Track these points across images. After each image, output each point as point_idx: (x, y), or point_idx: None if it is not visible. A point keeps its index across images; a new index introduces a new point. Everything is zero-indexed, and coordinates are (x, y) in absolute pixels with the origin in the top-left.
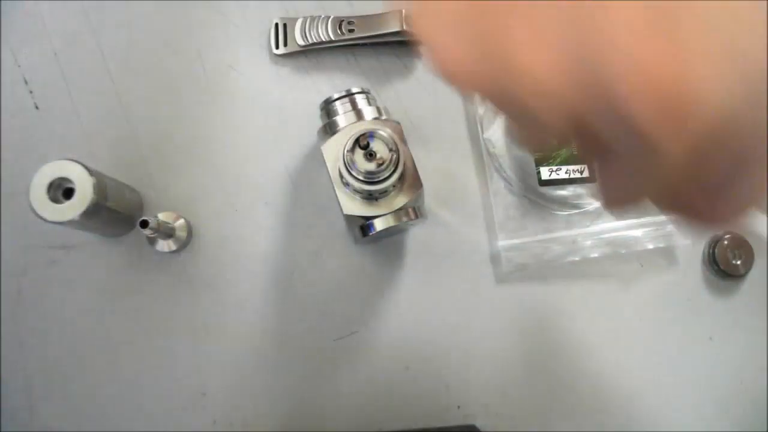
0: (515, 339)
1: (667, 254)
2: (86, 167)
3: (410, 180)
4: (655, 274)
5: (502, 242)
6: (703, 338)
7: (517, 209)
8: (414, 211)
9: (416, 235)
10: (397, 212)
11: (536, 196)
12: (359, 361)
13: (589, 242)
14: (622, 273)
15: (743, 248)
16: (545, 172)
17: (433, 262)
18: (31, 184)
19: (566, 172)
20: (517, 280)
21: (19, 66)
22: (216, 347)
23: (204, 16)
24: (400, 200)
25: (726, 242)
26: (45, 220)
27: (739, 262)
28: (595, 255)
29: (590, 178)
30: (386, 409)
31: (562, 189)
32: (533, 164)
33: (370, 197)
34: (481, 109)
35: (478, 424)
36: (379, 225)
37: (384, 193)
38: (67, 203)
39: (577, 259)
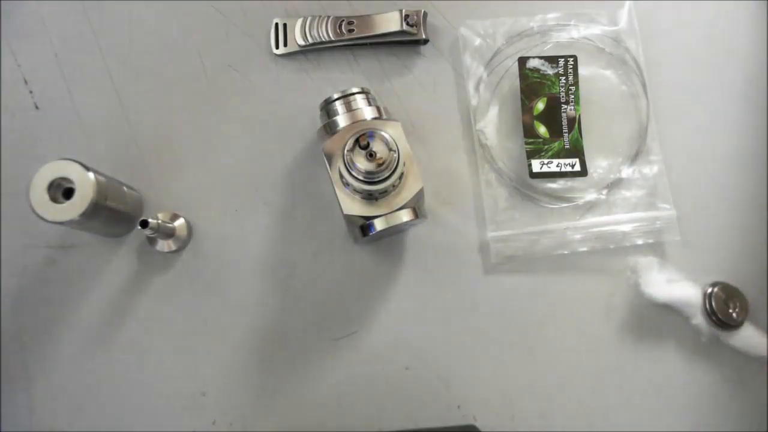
0: (513, 336)
1: (655, 251)
2: (86, 167)
3: (410, 180)
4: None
5: (492, 233)
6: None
7: (507, 201)
8: (414, 211)
9: (416, 234)
10: (397, 212)
11: (526, 188)
12: (359, 361)
13: (578, 236)
14: (610, 268)
15: (737, 297)
16: (536, 165)
17: (432, 262)
18: (31, 184)
19: (557, 166)
20: (505, 272)
21: (19, 66)
22: (216, 347)
23: (204, 16)
24: (400, 200)
25: (720, 292)
26: (45, 220)
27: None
28: (584, 249)
29: (581, 172)
30: (386, 409)
31: (553, 182)
32: (525, 156)
33: (370, 197)
34: (474, 100)
35: (478, 424)
36: (379, 225)
37: (384, 193)
38: (67, 203)
39: (565, 252)
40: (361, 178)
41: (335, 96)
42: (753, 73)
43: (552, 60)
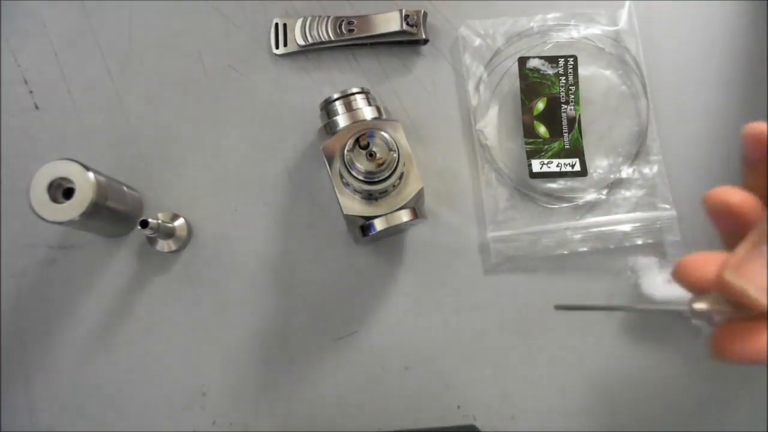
0: (513, 336)
1: (655, 251)
2: (86, 167)
3: (410, 180)
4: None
5: (492, 233)
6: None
7: (507, 201)
8: (414, 211)
9: (416, 234)
10: (397, 212)
11: (527, 188)
12: (359, 361)
13: (578, 236)
14: (610, 268)
15: None
16: (536, 165)
17: (432, 262)
18: (31, 184)
19: (557, 166)
20: (505, 272)
21: (19, 66)
22: (216, 347)
23: (204, 16)
24: (400, 200)
25: None
26: (45, 220)
27: None
28: (584, 249)
29: (581, 172)
30: (386, 409)
31: (553, 182)
32: (525, 156)
33: (370, 197)
34: (474, 100)
35: (478, 424)
36: (379, 225)
37: (384, 193)
38: (67, 203)
39: (565, 252)
40: (361, 178)
41: (335, 96)
42: (753, 73)
43: (552, 60)
